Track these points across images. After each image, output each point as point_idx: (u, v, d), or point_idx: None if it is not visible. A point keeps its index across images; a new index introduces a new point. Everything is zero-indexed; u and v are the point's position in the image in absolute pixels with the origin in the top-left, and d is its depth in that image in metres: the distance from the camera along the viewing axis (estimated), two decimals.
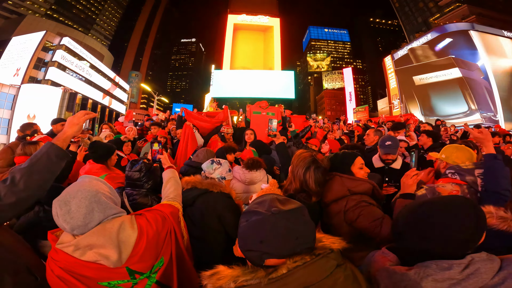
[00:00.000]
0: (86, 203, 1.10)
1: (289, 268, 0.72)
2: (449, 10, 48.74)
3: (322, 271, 0.75)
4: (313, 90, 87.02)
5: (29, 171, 1.20)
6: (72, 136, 1.42)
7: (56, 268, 1.10)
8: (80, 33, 52.15)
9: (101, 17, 75.24)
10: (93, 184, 1.19)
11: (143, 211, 1.40)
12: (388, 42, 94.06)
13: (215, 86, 30.88)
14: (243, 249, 0.81)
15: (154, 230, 1.28)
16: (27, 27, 38.94)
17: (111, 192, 1.26)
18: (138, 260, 1.18)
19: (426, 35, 34.90)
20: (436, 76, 31.77)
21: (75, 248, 1.08)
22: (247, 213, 0.84)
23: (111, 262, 1.09)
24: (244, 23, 39.35)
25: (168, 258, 1.35)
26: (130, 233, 1.18)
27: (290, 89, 30.61)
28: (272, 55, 37.67)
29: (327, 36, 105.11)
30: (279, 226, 0.75)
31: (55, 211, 1.09)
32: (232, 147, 3.33)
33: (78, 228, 1.08)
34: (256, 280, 0.72)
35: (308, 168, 1.64)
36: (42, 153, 1.27)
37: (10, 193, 1.13)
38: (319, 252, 0.78)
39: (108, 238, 1.10)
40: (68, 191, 1.13)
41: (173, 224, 1.43)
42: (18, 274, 1.23)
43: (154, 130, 5.27)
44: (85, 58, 37.45)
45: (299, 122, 6.00)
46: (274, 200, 0.84)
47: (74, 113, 19.83)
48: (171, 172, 1.88)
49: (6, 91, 26.48)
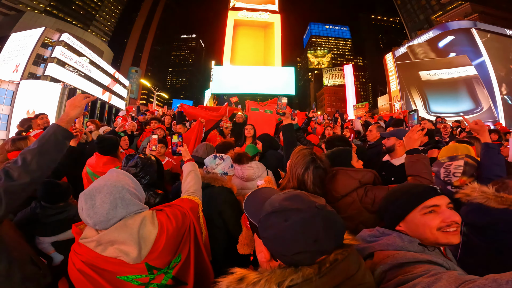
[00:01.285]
0: (110, 198, 1.10)
1: (331, 261, 0.70)
2: (451, 8, 48.48)
3: (356, 261, 0.75)
4: (314, 86, 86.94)
5: (40, 151, 1.25)
6: (75, 118, 1.47)
7: (78, 262, 1.11)
8: (79, 29, 51.89)
9: (101, 13, 74.91)
10: (120, 179, 1.19)
11: (163, 207, 1.39)
12: (389, 39, 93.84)
13: (215, 82, 30.81)
14: (291, 253, 0.70)
15: (174, 226, 1.27)
16: (26, 24, 38.83)
17: (137, 188, 1.25)
18: (157, 257, 1.18)
19: (428, 33, 34.72)
20: (447, 73, 31.53)
21: (97, 243, 1.09)
22: (281, 213, 0.74)
23: (131, 259, 1.10)
24: (245, 19, 39.15)
25: (186, 254, 1.34)
26: (151, 229, 1.18)
27: (290, 85, 30.53)
28: (272, 52, 37.53)
29: (328, 33, 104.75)
30: (330, 221, 0.72)
31: (80, 205, 1.10)
32: (228, 144, 3.26)
33: (100, 223, 1.09)
34: (304, 278, 0.68)
35: (307, 168, 1.60)
36: (50, 134, 1.32)
37: (24, 173, 1.18)
38: (346, 242, 0.77)
39: (129, 234, 1.11)
40: (95, 185, 1.14)
41: (193, 220, 1.43)
42: (25, 264, 1.29)
43: (153, 125, 5.26)
44: (84, 54, 37.35)
45: (300, 119, 5.97)
46: (305, 195, 0.79)
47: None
48: (192, 165, 1.83)
49: (5, 87, 26.42)
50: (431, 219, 0.98)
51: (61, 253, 2.04)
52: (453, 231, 0.96)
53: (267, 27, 39.04)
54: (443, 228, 0.96)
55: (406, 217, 1.04)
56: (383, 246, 0.99)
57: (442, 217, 0.97)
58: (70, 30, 40.78)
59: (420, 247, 0.96)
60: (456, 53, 30.84)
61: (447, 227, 0.96)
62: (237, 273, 0.72)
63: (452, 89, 30.35)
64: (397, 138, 2.43)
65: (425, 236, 0.98)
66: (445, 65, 31.28)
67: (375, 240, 1.04)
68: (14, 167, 1.18)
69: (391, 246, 0.98)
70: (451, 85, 30.62)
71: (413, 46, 35.42)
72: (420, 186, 1.10)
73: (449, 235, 0.96)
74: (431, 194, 1.02)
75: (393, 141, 2.46)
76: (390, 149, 2.48)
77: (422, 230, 0.99)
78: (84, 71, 36.53)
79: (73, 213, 2.00)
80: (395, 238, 1.00)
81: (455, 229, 0.97)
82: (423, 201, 1.01)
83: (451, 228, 0.96)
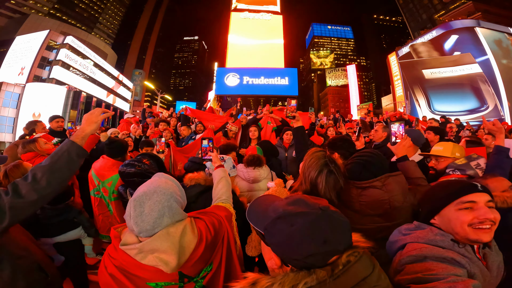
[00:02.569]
0: (159, 207, 1.09)
1: (344, 263, 0.70)
2: (454, 7, 48.19)
3: (369, 263, 0.74)
4: (317, 87, 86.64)
5: (51, 169, 1.21)
6: (90, 134, 1.42)
7: (111, 266, 1.09)
8: (83, 31, 52.34)
9: (104, 15, 75.41)
10: (169, 186, 1.18)
11: (199, 214, 1.37)
12: (392, 39, 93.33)
13: (218, 84, 30.81)
14: (302, 256, 0.70)
15: (212, 235, 1.26)
16: (30, 26, 39.23)
17: (181, 195, 1.24)
18: (192, 265, 1.17)
19: (431, 32, 34.47)
20: (451, 71, 31.14)
21: (139, 251, 1.07)
22: (287, 218, 0.74)
23: (169, 268, 1.08)
24: (247, 20, 39.13)
25: (218, 263, 1.32)
26: (191, 238, 1.17)
27: (293, 86, 30.43)
28: (275, 53, 37.46)
29: (331, 33, 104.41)
30: (335, 221, 0.73)
31: (129, 212, 1.09)
32: (231, 146, 3.23)
33: (146, 231, 1.07)
34: (318, 280, 0.67)
35: (321, 172, 1.52)
36: (63, 151, 1.26)
37: (32, 190, 1.13)
38: (357, 244, 0.76)
39: (171, 243, 1.09)
40: (144, 191, 1.12)
41: (228, 229, 1.41)
42: (30, 272, 1.25)
43: (161, 127, 5.26)
44: (88, 57, 37.65)
45: (305, 119, 5.94)
46: (308, 198, 0.79)
47: (79, 111, 19.89)
48: (222, 171, 1.83)
49: (11, 90, 26.72)
50: (464, 214, 0.96)
51: (62, 254, 2.05)
52: (485, 228, 0.94)
53: (269, 28, 39.01)
54: (475, 225, 0.94)
55: (441, 211, 1.03)
56: (414, 238, 1.00)
57: (477, 214, 0.95)
58: (74, 33, 41.10)
59: (451, 243, 0.95)
60: (460, 52, 30.53)
61: (479, 223, 0.94)
62: (249, 278, 0.72)
63: (457, 87, 30.03)
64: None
65: (456, 231, 0.97)
66: (450, 64, 30.96)
67: (409, 233, 1.05)
68: (23, 183, 1.15)
69: (421, 239, 0.98)
70: (456, 83, 30.30)
71: (415, 45, 35.19)
72: (459, 182, 1.08)
73: (479, 232, 0.94)
74: (470, 190, 1.00)
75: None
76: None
77: (453, 224, 0.98)
78: (89, 73, 36.82)
79: (73, 215, 2.00)
80: (427, 232, 1.00)
81: (489, 226, 0.94)
82: (459, 196, 0.99)
83: (484, 225, 0.94)
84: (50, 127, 4.34)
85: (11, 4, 48.96)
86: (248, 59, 35.82)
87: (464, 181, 1.09)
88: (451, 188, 1.05)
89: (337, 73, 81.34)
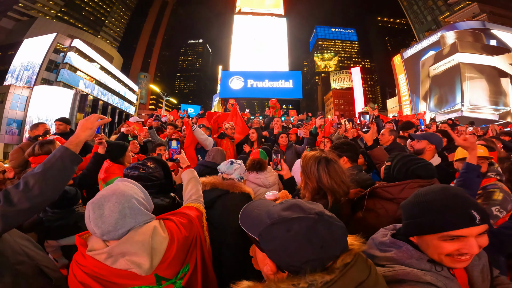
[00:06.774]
0: (119, 207, 1.08)
1: (340, 267, 0.69)
2: (459, 8, 47.83)
3: (366, 266, 0.73)
4: (321, 90, 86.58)
5: (44, 176, 1.16)
6: (85, 141, 1.38)
7: (80, 273, 1.07)
8: (90, 35, 53.07)
9: (110, 19, 76.46)
10: (128, 188, 1.17)
11: (169, 215, 1.36)
12: (397, 41, 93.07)
13: (222, 87, 30.92)
14: (300, 262, 0.69)
15: (183, 235, 1.25)
16: (38, 29, 39.77)
17: (145, 198, 1.23)
18: (167, 267, 1.16)
19: (436, 34, 34.29)
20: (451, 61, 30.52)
21: (108, 255, 1.06)
22: (283, 223, 0.72)
23: (143, 270, 1.06)
24: (251, 23, 39.34)
25: (194, 263, 1.32)
26: (161, 239, 1.16)
27: (297, 89, 30.42)
28: (279, 55, 37.56)
29: (334, 36, 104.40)
30: (332, 225, 0.72)
31: (88, 214, 1.07)
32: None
33: (108, 233, 1.06)
34: (315, 287, 0.66)
35: (320, 162, 1.56)
36: (56, 157, 1.22)
37: (24, 198, 1.10)
38: (352, 247, 0.74)
39: (141, 245, 1.08)
40: (103, 193, 1.11)
41: (199, 228, 1.40)
42: (34, 277, 1.22)
43: (170, 131, 5.23)
44: (95, 60, 38.08)
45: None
46: (302, 202, 0.78)
47: (85, 114, 20.02)
48: (191, 172, 1.82)
49: (19, 92, 27.11)
50: (446, 246, 0.86)
51: (68, 257, 2.05)
52: (463, 258, 0.86)
53: (273, 31, 39.13)
54: (454, 256, 0.86)
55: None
56: (390, 260, 0.95)
57: (461, 246, 0.84)
58: (80, 36, 41.71)
59: (428, 265, 0.89)
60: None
61: (458, 256, 0.85)
62: (243, 284, 0.71)
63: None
64: (428, 142, 2.44)
65: (432, 257, 0.90)
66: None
67: (384, 250, 0.99)
68: (15, 191, 1.11)
69: (397, 261, 0.93)
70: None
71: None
72: (456, 210, 0.86)
73: (456, 262, 0.86)
74: (463, 224, 0.84)
75: (424, 144, 2.45)
76: (418, 152, 2.45)
77: (431, 252, 0.90)
78: (95, 76, 37.22)
79: (75, 219, 1.99)
80: (404, 252, 0.94)
81: (468, 257, 0.85)
82: (447, 230, 0.86)
83: (463, 257, 0.85)
84: (58, 129, 4.32)
85: (19, 7, 49.78)
86: (252, 62, 35.94)
87: (461, 210, 0.86)
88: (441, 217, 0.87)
89: (342, 75, 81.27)
